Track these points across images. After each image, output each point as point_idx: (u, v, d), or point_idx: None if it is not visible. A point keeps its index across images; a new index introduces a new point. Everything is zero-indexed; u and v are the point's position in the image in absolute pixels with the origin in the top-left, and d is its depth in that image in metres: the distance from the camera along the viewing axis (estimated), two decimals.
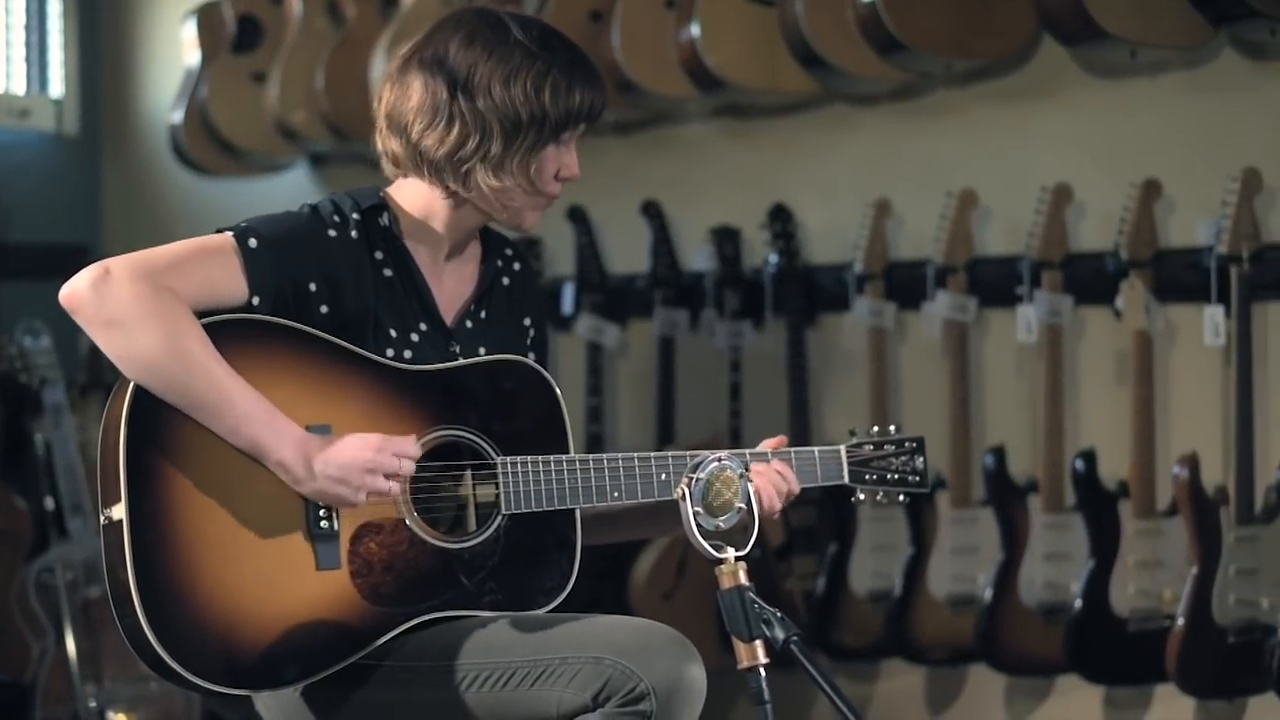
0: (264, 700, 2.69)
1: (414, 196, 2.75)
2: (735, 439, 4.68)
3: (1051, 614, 4.16)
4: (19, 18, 6.32)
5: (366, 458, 2.54)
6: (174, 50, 6.08)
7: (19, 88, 6.32)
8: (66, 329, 5.50)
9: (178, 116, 5.72)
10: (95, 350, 5.91)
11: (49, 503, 5.13)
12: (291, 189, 5.87)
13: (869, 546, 4.47)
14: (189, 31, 5.72)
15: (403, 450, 2.58)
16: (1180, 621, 3.88)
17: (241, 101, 5.57)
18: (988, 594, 4.23)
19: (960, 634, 4.33)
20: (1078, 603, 4.06)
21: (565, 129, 2.71)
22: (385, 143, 2.75)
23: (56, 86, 6.37)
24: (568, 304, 5.03)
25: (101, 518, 2.53)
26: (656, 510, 2.79)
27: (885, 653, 4.45)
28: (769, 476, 2.73)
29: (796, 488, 2.77)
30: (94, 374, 5.93)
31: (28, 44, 6.34)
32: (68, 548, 4.97)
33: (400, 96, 2.70)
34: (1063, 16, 3.97)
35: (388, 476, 2.56)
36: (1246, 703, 4.00)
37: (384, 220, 2.74)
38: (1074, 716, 4.32)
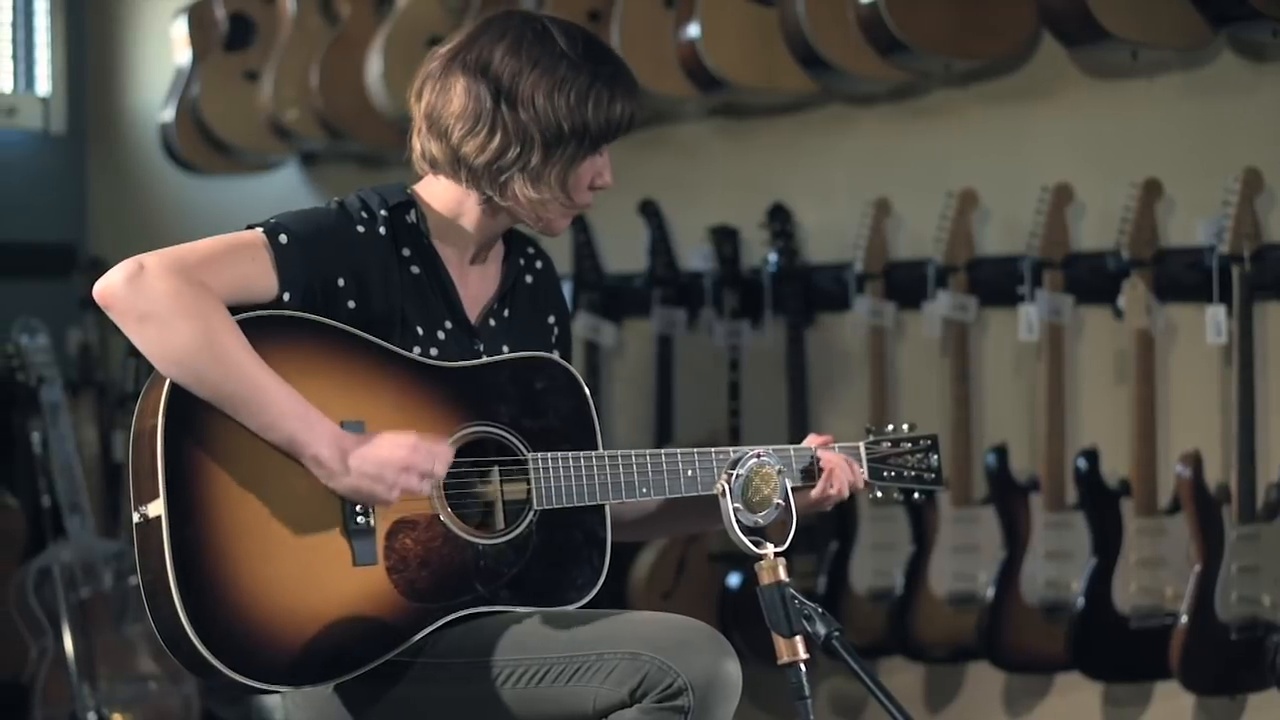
0: (294, 697, 2.68)
1: (444, 196, 2.75)
2: (734, 438, 4.70)
3: (1053, 612, 4.18)
4: (5, 15, 6.30)
5: (401, 456, 2.55)
6: (161, 48, 6.07)
7: (6, 86, 6.30)
8: (57, 328, 5.54)
9: (169, 115, 5.71)
10: (86, 350, 5.91)
11: (45, 502, 5.11)
12: (282, 188, 5.87)
13: (869, 545, 4.49)
14: (180, 30, 5.72)
15: (437, 451, 2.58)
16: (1183, 619, 3.91)
17: (234, 100, 5.56)
18: (990, 592, 4.25)
19: (961, 632, 4.35)
20: (1080, 600, 4.08)
21: (605, 140, 2.72)
22: (424, 144, 2.74)
23: (43, 85, 6.35)
24: None
25: (135, 515, 2.52)
26: (682, 506, 2.81)
27: (886, 651, 4.46)
28: (842, 464, 2.79)
29: (860, 481, 2.82)
30: (86, 373, 5.92)
31: (14, 42, 6.32)
32: (65, 547, 4.96)
33: (442, 98, 2.70)
34: (1065, 17, 3.99)
35: (421, 476, 2.56)
36: (1247, 700, 4.03)
37: (411, 218, 2.74)
38: (1074, 714, 4.34)
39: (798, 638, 2.44)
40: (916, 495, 3.01)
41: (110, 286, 2.53)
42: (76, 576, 4.91)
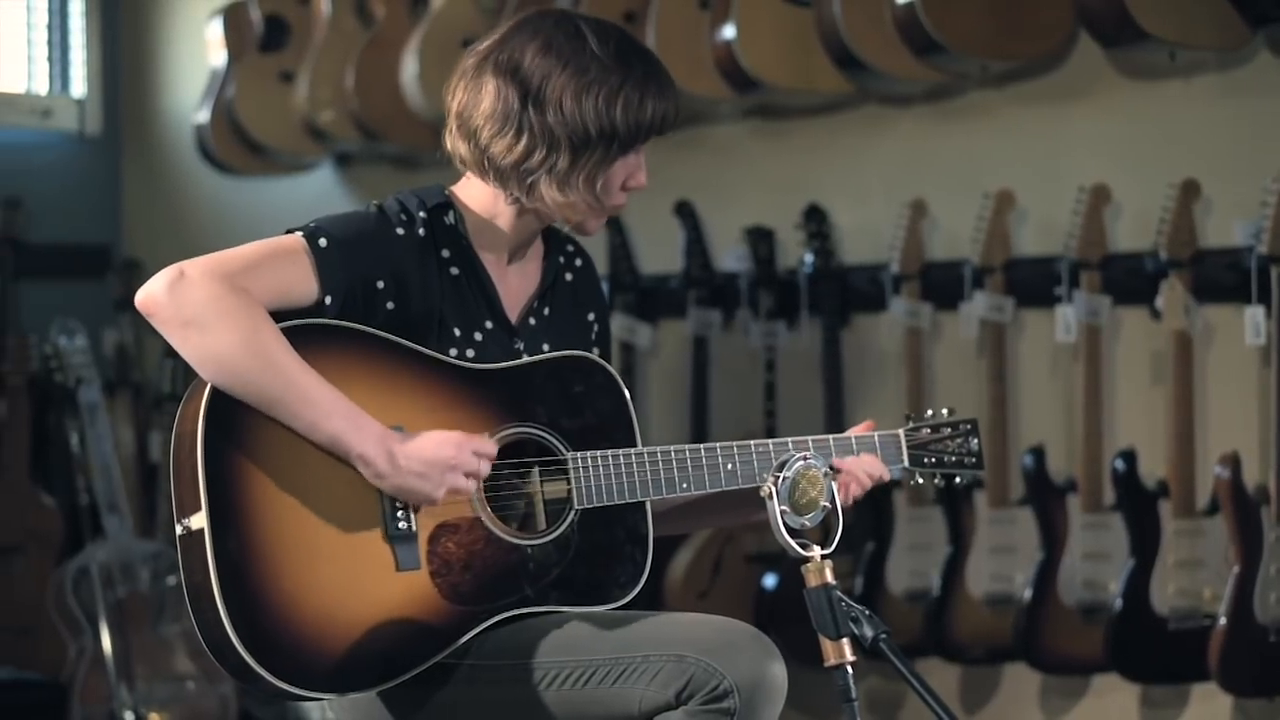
0: (340, 701, 2.69)
1: (479, 196, 2.75)
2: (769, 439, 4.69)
3: (1091, 613, 4.18)
4: (41, 18, 6.32)
5: (448, 454, 2.55)
6: (195, 50, 6.09)
7: (41, 88, 6.32)
8: (92, 329, 5.55)
9: (204, 116, 5.72)
10: (122, 350, 5.93)
11: (83, 502, 5.14)
12: (317, 189, 5.88)
13: (906, 546, 4.49)
14: (215, 31, 5.73)
15: (481, 449, 2.59)
16: (1222, 620, 3.90)
17: (269, 101, 5.57)
18: (1027, 593, 4.24)
19: (997, 633, 4.35)
20: (1118, 602, 4.08)
21: (635, 143, 2.70)
22: (454, 143, 2.74)
23: (79, 86, 6.37)
24: None
25: (178, 527, 2.52)
26: (719, 498, 2.82)
27: (922, 652, 4.46)
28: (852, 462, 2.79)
29: (887, 475, 2.81)
30: (121, 374, 5.94)
31: (50, 44, 6.34)
32: (103, 547, 4.98)
33: (472, 99, 2.70)
34: (1103, 18, 3.99)
35: (467, 475, 2.57)
36: None
37: (449, 219, 2.74)
38: (1111, 715, 4.33)
39: (844, 640, 2.44)
40: (958, 480, 2.99)
41: (152, 295, 2.53)
42: (114, 576, 4.93)
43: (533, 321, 2.80)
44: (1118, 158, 4.27)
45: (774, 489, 2.48)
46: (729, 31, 4.53)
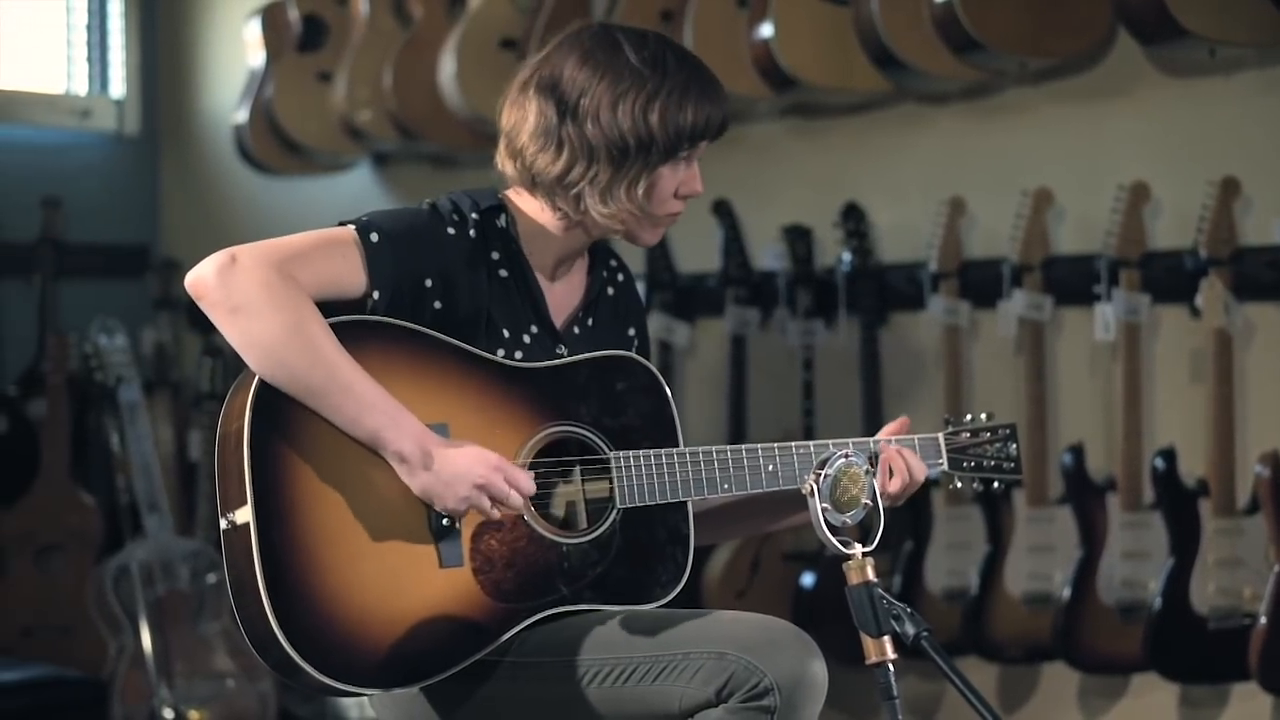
0: (382, 698, 2.70)
1: (531, 205, 2.77)
2: (807, 438, 4.69)
3: (1130, 612, 4.16)
4: (80, 19, 6.35)
5: (480, 473, 2.55)
6: (233, 50, 6.11)
7: (80, 88, 6.36)
8: (131, 328, 5.58)
9: (242, 116, 5.74)
10: (161, 349, 5.96)
11: (123, 500, 5.16)
12: (355, 188, 5.90)
13: (944, 544, 4.48)
14: (253, 31, 5.75)
15: (517, 480, 2.58)
16: (1262, 620, 3.89)
17: (307, 101, 5.59)
18: (1066, 592, 4.23)
19: (1036, 632, 4.34)
20: (1157, 601, 4.07)
21: (678, 150, 2.70)
22: (503, 162, 2.76)
23: (117, 87, 6.41)
24: None
25: (222, 521, 2.54)
26: (761, 502, 2.82)
27: (960, 651, 4.44)
28: (895, 457, 2.79)
29: (920, 476, 2.81)
30: (160, 373, 5.97)
31: (89, 45, 6.38)
32: (143, 545, 5.00)
33: (518, 118, 2.72)
34: (1142, 15, 3.97)
35: (494, 500, 2.57)
36: None
37: (501, 222, 2.75)
38: (1150, 715, 4.32)
39: (886, 638, 2.45)
40: (996, 485, 3.00)
41: (202, 278, 2.55)
42: (154, 574, 4.95)
43: (577, 331, 2.81)
44: (1157, 155, 4.26)
45: (815, 486, 2.48)
46: (767, 30, 4.53)
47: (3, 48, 6.22)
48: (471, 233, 2.71)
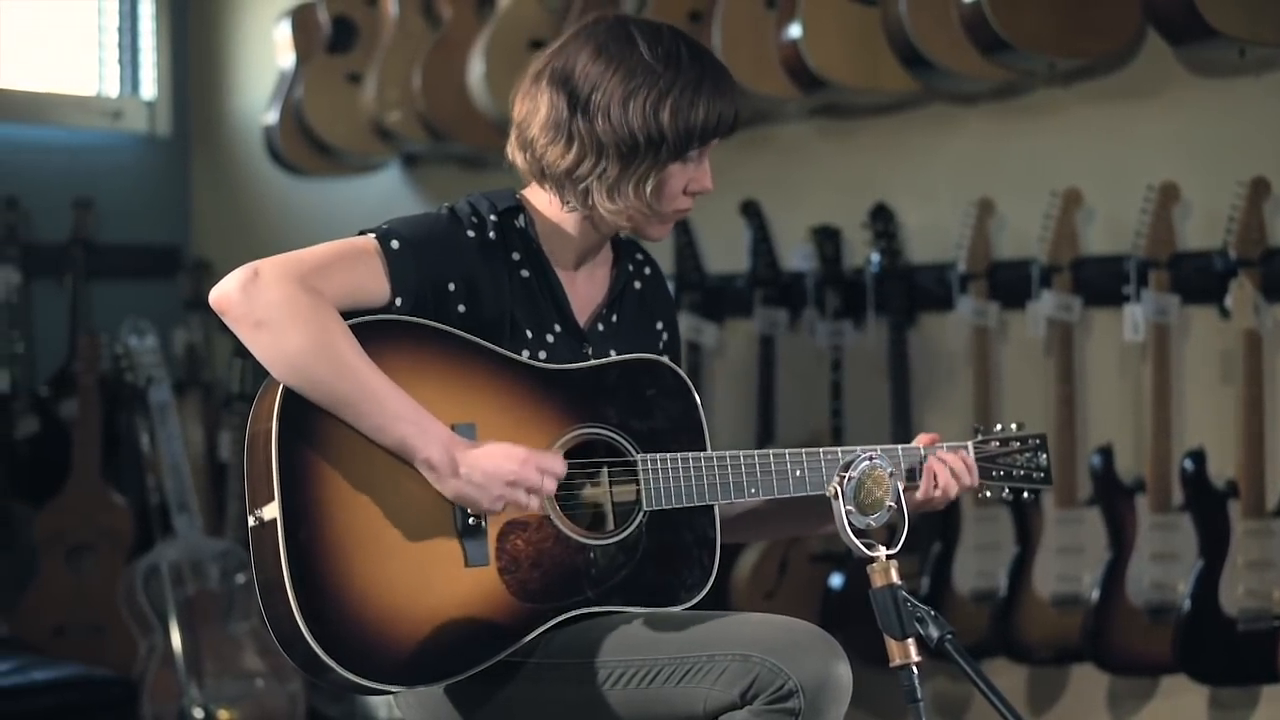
0: (406, 697, 2.71)
1: (547, 201, 2.77)
2: (836, 439, 4.69)
3: (1159, 614, 4.15)
4: (111, 20, 6.38)
5: (510, 469, 2.55)
6: (264, 51, 6.13)
7: (111, 90, 6.38)
8: (162, 329, 5.59)
9: (272, 117, 5.76)
10: (191, 350, 5.98)
11: (153, 500, 5.18)
12: (384, 189, 5.91)
13: (973, 546, 4.47)
14: (283, 32, 5.76)
15: (547, 466, 2.59)
16: None
17: (337, 102, 5.60)
18: (1095, 594, 4.22)
19: (1065, 633, 4.33)
20: (1187, 603, 4.06)
21: (688, 148, 2.70)
22: (513, 153, 2.77)
23: (148, 88, 6.43)
24: None
25: (250, 519, 2.55)
26: (783, 510, 2.82)
27: (989, 652, 4.44)
28: (943, 465, 2.79)
29: (972, 482, 2.81)
30: (191, 373, 5.98)
31: (120, 46, 6.40)
32: (173, 545, 5.02)
33: (531, 109, 2.72)
34: (1171, 15, 3.96)
35: (529, 491, 2.57)
36: None
37: (520, 222, 2.76)
38: (1179, 717, 4.31)
39: (910, 640, 2.44)
40: (1025, 494, 3.00)
41: (226, 293, 2.55)
42: (184, 574, 4.96)
43: (601, 328, 2.81)
44: (1186, 155, 4.24)
45: (839, 489, 2.49)
46: (795, 31, 4.53)
47: (35, 50, 6.25)
48: (491, 235, 2.71)
